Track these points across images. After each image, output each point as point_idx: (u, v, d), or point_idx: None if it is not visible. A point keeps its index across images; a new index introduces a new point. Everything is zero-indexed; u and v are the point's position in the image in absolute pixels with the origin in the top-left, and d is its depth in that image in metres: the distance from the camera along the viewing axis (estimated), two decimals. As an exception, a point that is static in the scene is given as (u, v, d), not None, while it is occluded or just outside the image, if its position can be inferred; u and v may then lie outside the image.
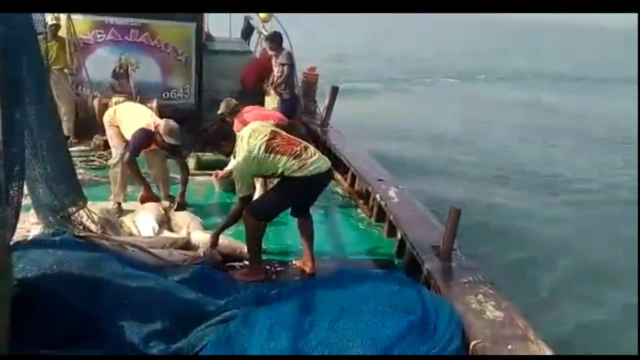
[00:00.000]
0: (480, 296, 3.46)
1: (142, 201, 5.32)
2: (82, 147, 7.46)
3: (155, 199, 5.34)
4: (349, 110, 12.00)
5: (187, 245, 4.44)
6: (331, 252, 4.79)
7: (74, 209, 3.76)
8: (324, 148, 7.13)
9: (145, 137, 5.20)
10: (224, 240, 4.47)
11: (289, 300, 3.41)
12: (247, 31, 10.69)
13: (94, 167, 6.76)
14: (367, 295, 3.26)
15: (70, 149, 7.13)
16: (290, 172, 4.03)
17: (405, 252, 4.57)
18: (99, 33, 7.85)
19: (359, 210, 5.96)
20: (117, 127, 5.43)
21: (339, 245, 5.06)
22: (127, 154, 5.18)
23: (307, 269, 4.35)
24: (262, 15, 9.21)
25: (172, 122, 5.21)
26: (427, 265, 3.95)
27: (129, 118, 5.38)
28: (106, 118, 5.57)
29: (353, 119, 12.14)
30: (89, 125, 7.62)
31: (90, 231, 3.85)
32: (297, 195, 4.21)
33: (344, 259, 4.71)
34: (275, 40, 7.79)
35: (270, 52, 7.98)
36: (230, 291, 3.78)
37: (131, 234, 4.50)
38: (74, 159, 6.90)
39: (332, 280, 3.57)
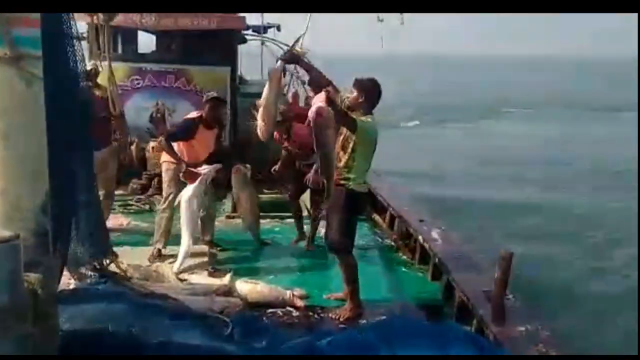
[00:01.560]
0: (540, 345, 3.26)
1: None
2: (121, 192, 7.51)
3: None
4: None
5: (228, 292, 4.36)
6: (374, 297, 4.64)
7: (107, 261, 3.72)
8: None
9: (187, 124, 5.28)
10: (264, 288, 4.38)
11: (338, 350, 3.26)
12: (280, 73, 10.75)
13: (132, 211, 6.79)
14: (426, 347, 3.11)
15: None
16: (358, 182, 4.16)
17: (454, 297, 4.40)
18: (136, 79, 8.00)
19: (400, 253, 5.81)
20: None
21: (383, 289, 4.90)
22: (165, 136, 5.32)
23: (351, 314, 4.21)
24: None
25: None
26: (481, 310, 3.77)
27: None
28: (164, 157, 5.44)
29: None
30: (127, 170, 7.69)
31: (130, 280, 3.79)
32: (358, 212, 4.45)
33: (389, 304, 4.54)
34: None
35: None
36: (275, 341, 3.67)
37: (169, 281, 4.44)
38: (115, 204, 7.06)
39: (381, 329, 3.41)
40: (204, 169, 5.09)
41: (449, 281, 4.49)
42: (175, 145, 5.26)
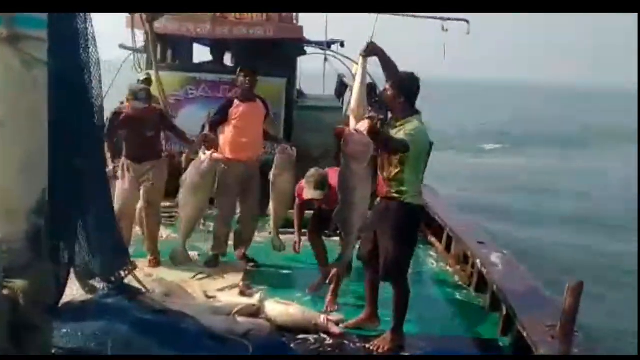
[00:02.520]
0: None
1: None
2: (168, 203, 7.33)
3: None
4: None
5: (256, 313, 3.95)
6: (422, 327, 4.09)
7: (123, 274, 3.41)
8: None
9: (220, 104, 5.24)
10: (296, 310, 3.94)
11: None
12: (341, 89, 10.45)
13: (174, 223, 6.55)
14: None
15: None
16: (413, 194, 3.63)
17: (513, 331, 3.79)
18: (190, 89, 7.85)
19: (457, 278, 5.22)
20: None
21: (432, 318, 4.33)
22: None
23: (391, 346, 3.70)
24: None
25: None
26: (542, 349, 3.16)
27: None
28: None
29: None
30: (176, 181, 7.52)
31: (144, 294, 3.46)
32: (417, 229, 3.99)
33: (437, 336, 3.98)
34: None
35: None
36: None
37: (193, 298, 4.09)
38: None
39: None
40: None
41: (508, 313, 3.88)
42: (221, 138, 5.16)
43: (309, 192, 4.36)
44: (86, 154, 3.05)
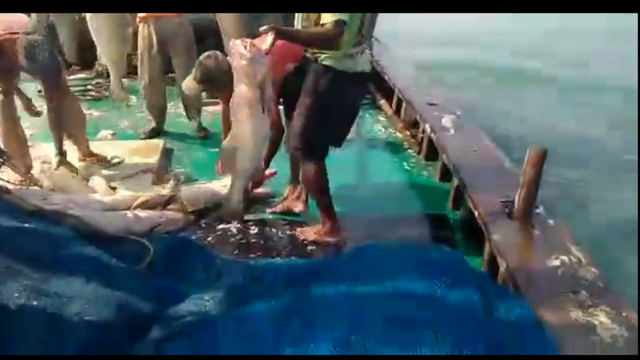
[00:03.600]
0: (582, 295, 2.16)
1: None
2: (84, 75, 6.43)
3: None
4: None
5: (168, 203, 3.34)
6: (364, 204, 3.58)
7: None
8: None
9: None
10: (206, 189, 3.34)
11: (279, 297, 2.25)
12: None
13: (89, 98, 5.74)
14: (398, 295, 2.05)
15: (73, 77, 6.22)
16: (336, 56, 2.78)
17: (463, 208, 3.31)
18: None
19: (406, 145, 4.66)
20: None
21: (376, 193, 3.80)
22: None
23: (319, 237, 3.17)
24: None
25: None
26: (495, 234, 2.66)
27: None
28: None
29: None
30: (93, 49, 6.55)
31: (10, 192, 2.78)
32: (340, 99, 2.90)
33: (378, 216, 3.47)
34: None
35: None
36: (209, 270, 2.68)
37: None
38: (73, 88, 6.00)
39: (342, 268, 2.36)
40: None
41: (459, 186, 3.36)
42: None
43: (185, 82, 3.46)
44: None
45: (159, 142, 4.39)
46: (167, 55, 4.64)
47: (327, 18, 2.58)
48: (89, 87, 5.94)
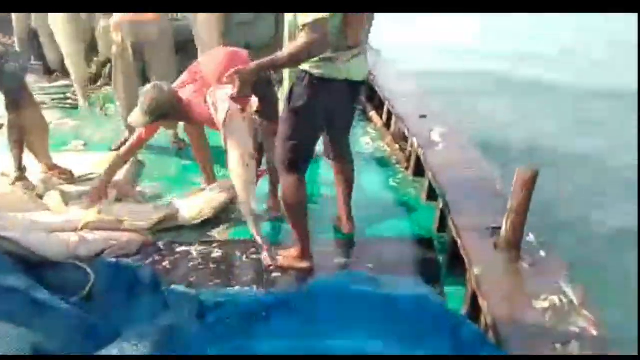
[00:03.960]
0: (573, 346, 1.83)
1: None
2: (66, 82, 6.17)
3: None
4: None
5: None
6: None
7: None
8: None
9: None
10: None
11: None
12: None
13: (67, 106, 5.49)
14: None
15: (54, 84, 5.99)
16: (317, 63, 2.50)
17: (447, 234, 2.99)
18: None
19: (394, 160, 4.35)
20: None
21: (356, 212, 3.44)
22: None
23: (283, 262, 2.87)
24: None
25: None
26: (477, 268, 2.34)
27: None
28: None
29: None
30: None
31: None
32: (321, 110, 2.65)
33: (359, 239, 3.16)
34: None
35: None
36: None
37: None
38: (52, 96, 5.76)
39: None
40: None
41: (444, 208, 3.05)
42: None
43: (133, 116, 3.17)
44: None
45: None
46: (142, 63, 4.37)
47: (305, 19, 2.30)
48: (68, 94, 5.68)
